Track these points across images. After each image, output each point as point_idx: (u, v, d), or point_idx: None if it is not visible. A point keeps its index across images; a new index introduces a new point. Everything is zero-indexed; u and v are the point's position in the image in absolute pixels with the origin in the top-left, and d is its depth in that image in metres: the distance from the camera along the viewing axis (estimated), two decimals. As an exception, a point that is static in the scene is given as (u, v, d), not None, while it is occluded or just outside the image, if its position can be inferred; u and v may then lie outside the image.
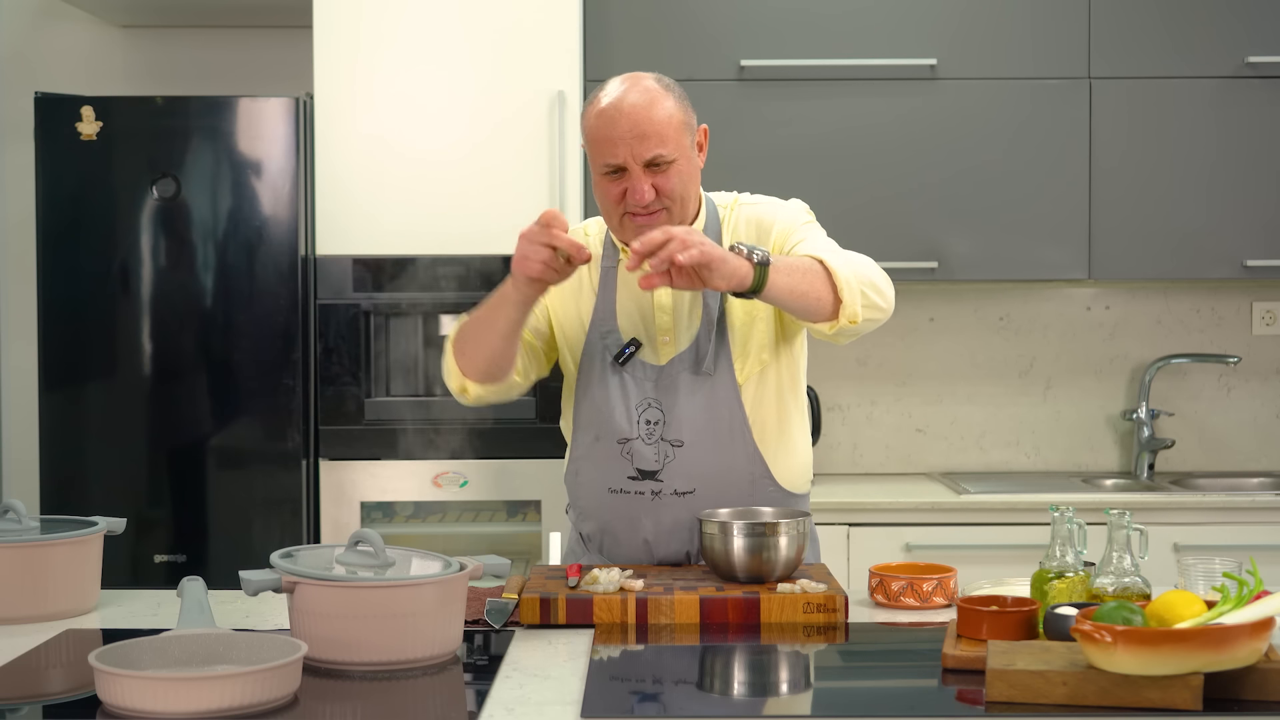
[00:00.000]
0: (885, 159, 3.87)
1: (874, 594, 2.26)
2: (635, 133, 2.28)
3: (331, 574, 1.91)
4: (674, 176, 2.32)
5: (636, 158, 2.29)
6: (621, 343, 2.40)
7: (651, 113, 2.29)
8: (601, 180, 2.34)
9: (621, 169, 2.31)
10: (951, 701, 1.76)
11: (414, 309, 3.64)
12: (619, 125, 2.29)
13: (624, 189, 2.32)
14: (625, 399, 2.39)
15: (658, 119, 2.29)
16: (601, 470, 2.42)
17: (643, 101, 2.30)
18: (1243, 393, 4.24)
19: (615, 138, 2.29)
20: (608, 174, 2.32)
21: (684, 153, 2.33)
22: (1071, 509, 2.06)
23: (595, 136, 2.32)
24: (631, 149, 2.29)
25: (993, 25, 3.87)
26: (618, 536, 2.44)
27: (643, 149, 2.29)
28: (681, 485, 2.38)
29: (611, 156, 2.30)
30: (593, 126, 2.33)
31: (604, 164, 2.32)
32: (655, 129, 2.29)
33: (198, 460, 3.61)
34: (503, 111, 3.61)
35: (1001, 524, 3.63)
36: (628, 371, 2.39)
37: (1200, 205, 3.88)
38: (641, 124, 2.29)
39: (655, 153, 2.29)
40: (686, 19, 3.85)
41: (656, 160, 2.30)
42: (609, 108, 2.31)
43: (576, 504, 2.51)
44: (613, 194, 2.33)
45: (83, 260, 3.58)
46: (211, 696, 1.62)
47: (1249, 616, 1.68)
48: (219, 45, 4.21)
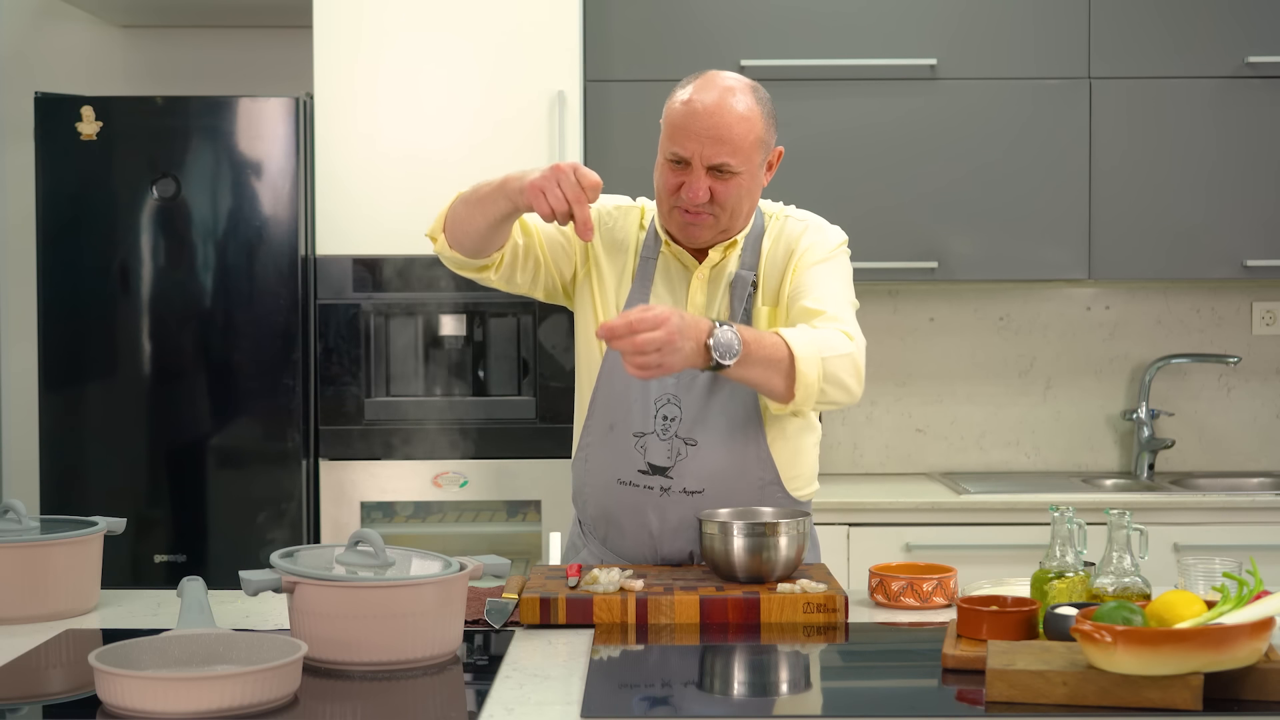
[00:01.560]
0: (885, 159, 3.87)
1: (874, 594, 2.26)
2: (711, 135, 2.29)
3: (331, 574, 1.91)
4: (733, 188, 2.33)
5: (704, 158, 2.30)
6: None
7: (733, 121, 2.30)
8: (664, 164, 2.35)
9: (685, 162, 2.31)
10: (951, 701, 1.76)
11: (414, 309, 3.64)
12: (698, 121, 2.29)
13: (681, 182, 2.33)
14: (645, 392, 2.38)
15: (737, 129, 2.30)
16: (612, 460, 2.41)
17: (729, 109, 2.30)
18: (1243, 393, 4.24)
19: (690, 132, 2.30)
20: (671, 162, 2.33)
21: (751, 169, 2.34)
22: (1071, 509, 2.06)
23: (673, 123, 2.33)
24: (702, 148, 2.29)
25: (993, 25, 3.87)
26: (622, 528, 2.43)
27: (712, 152, 2.29)
28: (691, 484, 2.38)
29: (681, 149, 2.31)
30: (675, 112, 2.33)
31: (671, 152, 2.32)
32: (731, 137, 2.29)
33: (198, 460, 3.61)
34: (503, 111, 3.61)
35: (1001, 524, 3.63)
36: None
37: (1200, 205, 3.88)
38: (719, 129, 2.29)
39: (723, 160, 2.30)
40: (686, 19, 3.85)
41: (722, 167, 2.30)
42: (695, 102, 2.31)
43: (582, 490, 2.50)
44: (670, 183, 2.34)
45: (83, 260, 3.58)
46: (211, 696, 1.62)
47: (1249, 616, 1.68)
48: (219, 45, 4.21)
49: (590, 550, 2.51)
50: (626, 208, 2.51)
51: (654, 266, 2.44)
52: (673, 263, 2.44)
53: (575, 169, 2.19)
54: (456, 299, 3.61)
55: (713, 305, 2.41)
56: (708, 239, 2.39)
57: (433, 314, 3.65)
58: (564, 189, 2.18)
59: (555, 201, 2.18)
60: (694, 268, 2.42)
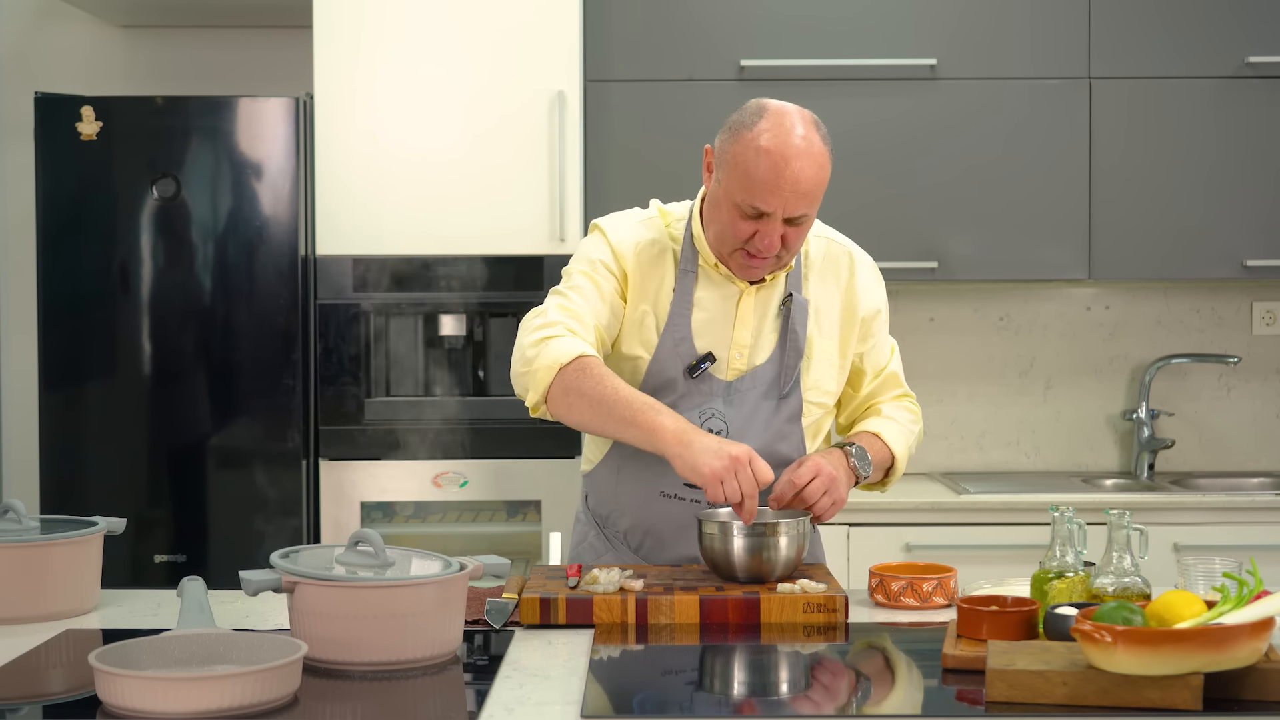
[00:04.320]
0: (885, 159, 3.87)
1: (874, 594, 2.26)
2: (795, 190, 2.24)
3: (331, 574, 1.91)
4: (803, 232, 2.32)
5: (785, 211, 2.26)
6: (696, 354, 2.37)
7: (814, 172, 2.26)
8: (732, 212, 2.29)
9: (763, 214, 2.27)
10: (951, 701, 1.76)
11: (414, 309, 3.64)
12: (784, 178, 2.23)
13: (754, 231, 2.28)
14: (692, 407, 2.36)
15: (818, 180, 2.27)
16: (656, 473, 2.36)
17: (811, 162, 2.25)
18: (1243, 393, 4.24)
19: (774, 187, 2.24)
20: (743, 212, 2.28)
21: (817, 208, 2.33)
22: (1071, 509, 2.06)
23: (749, 174, 2.25)
24: (785, 203, 2.25)
25: (992, 25, 3.87)
26: (662, 540, 2.42)
27: (795, 206, 2.26)
28: None
29: (762, 204, 2.25)
30: (750, 161, 2.25)
31: (749, 205, 2.26)
32: (812, 190, 2.26)
33: (198, 460, 3.61)
34: (503, 111, 3.61)
35: (1001, 524, 3.63)
36: (698, 382, 2.37)
37: (1200, 205, 3.88)
38: (804, 184, 2.25)
39: (802, 213, 2.28)
40: (686, 19, 3.85)
41: (799, 218, 2.28)
42: (777, 154, 2.24)
43: (614, 500, 2.46)
44: (741, 231, 2.29)
45: (83, 260, 3.58)
46: (211, 696, 1.62)
47: (1249, 616, 1.68)
48: (219, 45, 4.21)
49: (617, 556, 2.48)
50: (646, 221, 2.45)
51: (693, 280, 2.39)
52: (715, 277, 2.40)
53: (752, 461, 2.14)
54: (456, 299, 3.61)
55: (764, 324, 2.39)
56: (767, 273, 2.38)
57: (433, 314, 3.65)
58: (740, 483, 2.13)
59: (731, 494, 2.13)
60: (742, 285, 2.39)
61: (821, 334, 2.44)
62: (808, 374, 2.42)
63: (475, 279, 3.60)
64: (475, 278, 3.60)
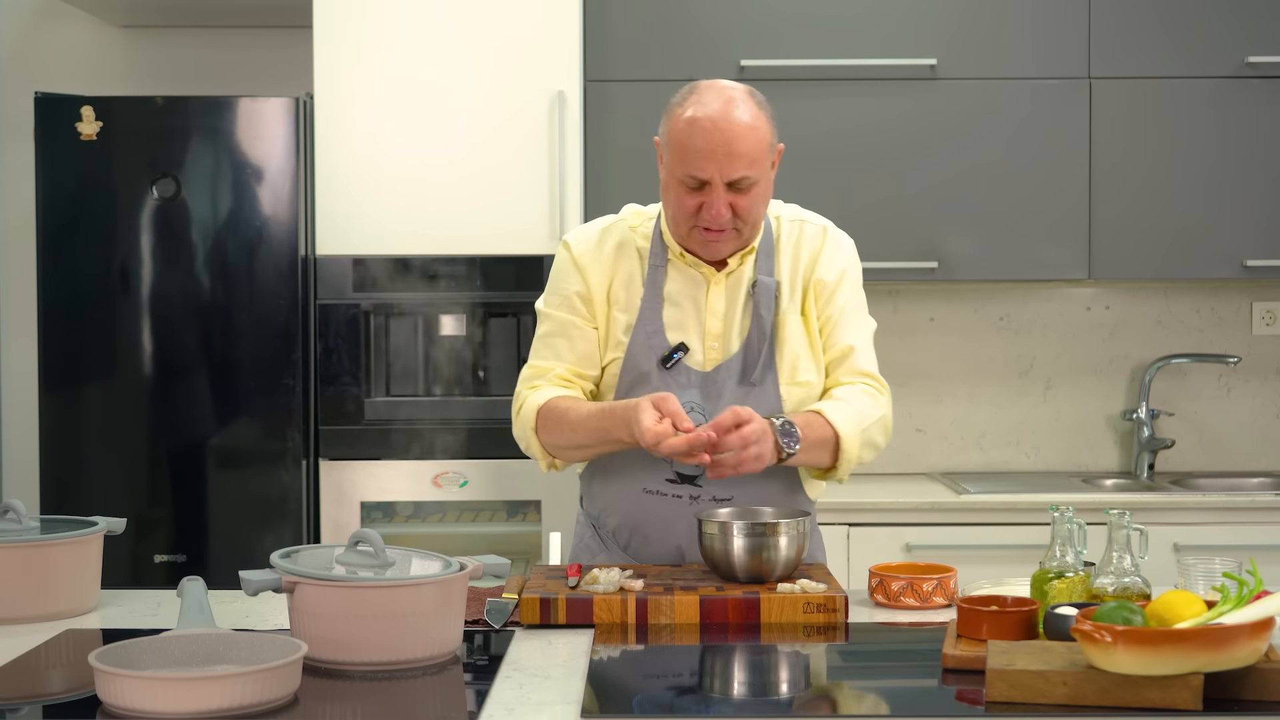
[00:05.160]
0: (885, 159, 3.87)
1: (874, 594, 2.26)
2: (727, 151, 2.25)
3: (331, 574, 1.91)
4: (752, 199, 2.31)
5: (723, 174, 2.27)
6: (668, 345, 2.38)
7: (744, 133, 2.27)
8: (677, 188, 2.31)
9: (703, 183, 2.28)
10: (951, 701, 1.76)
11: (414, 309, 3.64)
12: (713, 140, 2.26)
13: (700, 203, 2.30)
14: None
15: (749, 140, 2.27)
16: (639, 469, 2.39)
17: (737, 120, 2.27)
18: (1243, 393, 4.24)
19: (705, 152, 2.26)
20: (687, 186, 2.30)
21: (765, 175, 2.32)
22: (1071, 509, 2.06)
23: (683, 145, 2.28)
24: (720, 167, 2.26)
25: (993, 25, 3.87)
26: (648, 537, 2.43)
27: (731, 168, 2.26)
28: (721, 492, 2.37)
29: (699, 171, 2.27)
30: (680, 132, 2.29)
31: (687, 175, 2.28)
32: (747, 150, 2.27)
33: (198, 460, 3.61)
34: (503, 112, 3.61)
35: (1001, 524, 3.63)
36: (672, 374, 2.38)
37: (1200, 205, 3.88)
38: (735, 143, 2.26)
39: (742, 174, 2.27)
40: (686, 19, 3.85)
41: (740, 182, 2.28)
42: (704, 120, 2.27)
43: (602, 499, 2.48)
44: (688, 206, 2.31)
45: (83, 260, 3.58)
46: (211, 696, 1.62)
47: (1249, 616, 1.68)
48: (219, 45, 4.21)
49: (609, 556, 2.49)
50: (610, 226, 2.47)
51: (663, 274, 2.41)
52: (685, 270, 2.41)
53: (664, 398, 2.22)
54: (456, 299, 3.61)
55: (734, 312, 2.40)
56: (730, 251, 2.38)
57: (433, 314, 3.64)
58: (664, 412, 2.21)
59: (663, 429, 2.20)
60: (710, 274, 2.40)
61: (794, 313, 2.42)
62: (782, 357, 2.39)
63: (475, 279, 3.60)
64: (475, 278, 3.60)
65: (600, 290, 2.43)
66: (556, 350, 2.44)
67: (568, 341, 2.43)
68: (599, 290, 2.42)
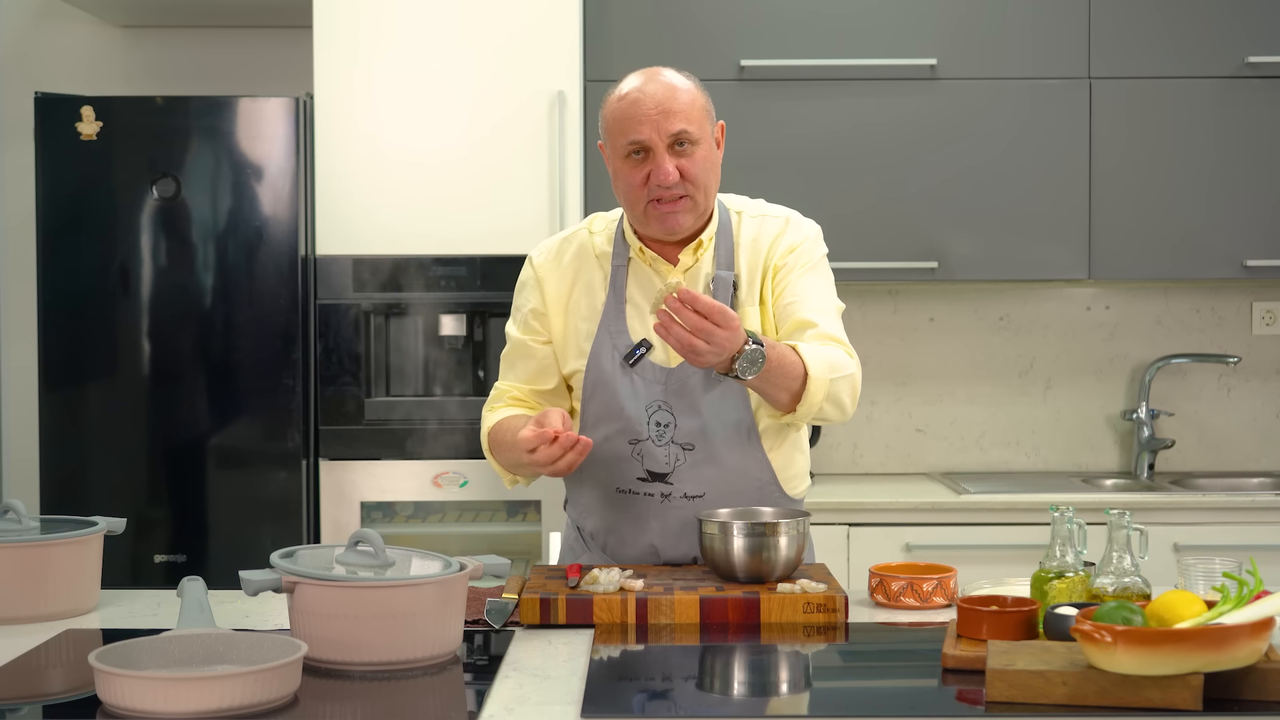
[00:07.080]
0: (885, 159, 3.87)
1: (874, 594, 2.26)
2: (660, 109, 2.29)
3: (331, 574, 1.91)
4: (698, 160, 2.32)
5: (662, 134, 2.29)
6: (631, 343, 2.39)
7: (676, 93, 2.32)
8: (623, 166, 2.34)
9: (645, 149, 2.31)
10: (951, 701, 1.76)
11: (414, 309, 3.64)
12: (643, 105, 2.30)
13: (647, 172, 2.31)
14: (635, 399, 2.37)
15: (682, 99, 2.31)
16: (610, 469, 2.40)
17: (665, 84, 2.32)
18: (1243, 393, 4.24)
19: (640, 116, 2.30)
20: (631, 157, 2.32)
21: (707, 137, 2.34)
22: (1071, 509, 2.06)
23: (618, 118, 2.33)
24: (657, 125, 2.29)
25: (993, 25, 3.87)
26: (623, 536, 2.43)
27: (668, 124, 2.29)
28: (692, 489, 2.37)
29: (636, 134, 2.30)
30: (614, 110, 2.34)
31: (627, 143, 2.31)
32: (680, 107, 2.30)
33: (198, 460, 3.61)
34: (503, 111, 3.61)
35: (1001, 524, 3.63)
36: (637, 372, 2.38)
37: (1200, 205, 3.88)
38: (666, 102, 2.30)
39: (680, 128, 2.30)
40: (686, 19, 3.85)
41: (681, 138, 2.30)
42: (632, 91, 2.33)
43: (579, 501, 2.50)
44: (636, 179, 2.33)
45: (82, 260, 3.58)
46: (211, 696, 1.62)
47: (1249, 616, 1.68)
48: (219, 45, 4.21)
49: (591, 557, 2.50)
50: (570, 235, 2.50)
51: (625, 275, 2.42)
52: (645, 269, 2.42)
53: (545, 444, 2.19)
54: (456, 299, 3.61)
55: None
56: (690, 224, 2.37)
57: (433, 314, 3.64)
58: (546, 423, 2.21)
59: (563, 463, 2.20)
60: (668, 272, 2.40)
61: (752, 304, 2.40)
62: None
63: (475, 279, 3.60)
64: (475, 278, 3.60)
65: (558, 301, 2.45)
66: (515, 370, 2.50)
67: (524, 361, 2.48)
68: (556, 302, 2.45)
